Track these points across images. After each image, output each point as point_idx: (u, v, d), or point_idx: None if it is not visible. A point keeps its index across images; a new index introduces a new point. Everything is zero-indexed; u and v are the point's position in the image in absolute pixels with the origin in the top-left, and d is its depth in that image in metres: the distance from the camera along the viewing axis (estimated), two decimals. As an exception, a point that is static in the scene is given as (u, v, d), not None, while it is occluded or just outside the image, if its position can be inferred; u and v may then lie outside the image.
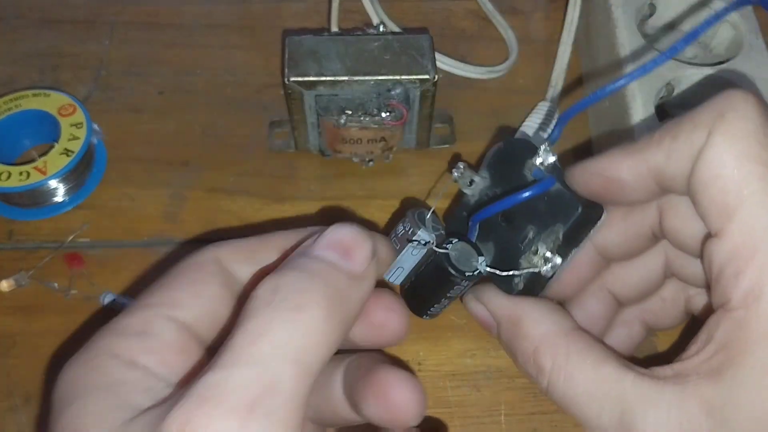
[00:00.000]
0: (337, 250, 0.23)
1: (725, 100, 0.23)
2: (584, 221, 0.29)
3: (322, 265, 0.22)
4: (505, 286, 0.30)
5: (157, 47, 0.50)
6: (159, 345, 0.23)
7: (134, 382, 0.22)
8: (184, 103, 0.47)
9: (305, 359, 0.20)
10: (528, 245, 0.29)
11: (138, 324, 0.23)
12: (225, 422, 0.18)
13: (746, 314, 0.22)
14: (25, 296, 0.39)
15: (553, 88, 0.47)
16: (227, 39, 0.50)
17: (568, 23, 0.47)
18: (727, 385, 0.22)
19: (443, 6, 0.53)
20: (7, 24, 0.51)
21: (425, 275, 0.31)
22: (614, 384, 0.24)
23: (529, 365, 0.27)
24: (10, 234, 0.41)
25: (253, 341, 0.20)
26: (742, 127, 0.23)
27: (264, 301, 0.21)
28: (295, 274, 0.22)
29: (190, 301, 0.24)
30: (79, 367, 0.23)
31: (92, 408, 0.21)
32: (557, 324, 0.27)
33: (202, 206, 0.42)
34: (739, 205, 0.22)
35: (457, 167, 0.32)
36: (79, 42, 0.50)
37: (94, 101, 0.46)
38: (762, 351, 0.22)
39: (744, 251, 0.22)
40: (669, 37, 0.46)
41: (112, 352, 0.23)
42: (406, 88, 0.39)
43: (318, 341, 0.20)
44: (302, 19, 0.51)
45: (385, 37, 0.40)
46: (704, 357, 0.23)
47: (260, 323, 0.20)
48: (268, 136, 0.45)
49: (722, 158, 0.22)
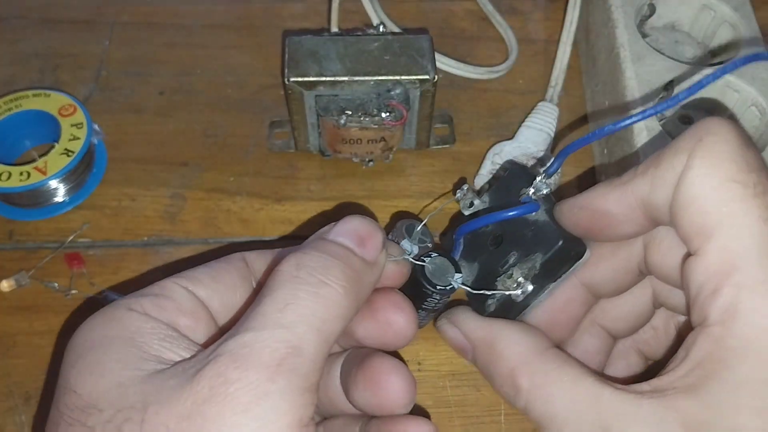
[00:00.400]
0: (353, 238, 0.25)
1: (703, 125, 0.24)
2: (564, 256, 0.30)
3: (340, 249, 0.24)
4: (478, 307, 0.31)
5: (157, 47, 0.50)
6: (172, 305, 0.25)
7: (151, 332, 0.23)
8: (185, 103, 0.47)
9: (325, 328, 0.22)
10: (506, 269, 0.31)
11: (155, 288, 0.25)
12: (256, 375, 0.20)
13: (723, 331, 0.22)
14: (25, 296, 0.39)
15: (552, 88, 0.47)
16: (227, 39, 0.50)
17: (567, 23, 0.48)
18: (704, 400, 0.22)
19: (443, 6, 0.53)
20: (8, 24, 0.51)
21: (405, 286, 0.32)
22: (592, 400, 0.24)
23: (507, 386, 0.27)
24: (11, 234, 0.41)
25: (280, 309, 0.22)
26: (720, 149, 0.23)
27: (289, 275, 0.23)
28: (317, 254, 0.24)
29: (208, 281, 0.26)
30: (97, 322, 0.24)
31: (113, 356, 0.22)
32: (533, 344, 0.27)
33: (202, 206, 0.42)
34: (717, 224, 0.23)
35: (461, 189, 0.33)
36: (80, 42, 0.50)
37: (95, 101, 0.46)
38: (738, 367, 0.22)
39: (721, 270, 0.22)
40: (669, 38, 0.46)
41: (129, 307, 0.24)
42: (406, 89, 0.39)
43: (337, 314, 0.23)
44: (302, 20, 0.51)
45: (385, 37, 0.40)
46: (682, 373, 0.23)
47: (286, 294, 0.22)
48: (268, 137, 0.45)
49: (701, 180, 0.23)
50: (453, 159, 0.44)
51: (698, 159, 0.23)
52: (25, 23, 0.51)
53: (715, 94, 0.41)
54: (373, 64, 0.39)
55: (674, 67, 0.40)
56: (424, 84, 0.39)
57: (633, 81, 0.39)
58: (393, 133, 0.40)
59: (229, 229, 0.41)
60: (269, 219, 0.42)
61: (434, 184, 0.43)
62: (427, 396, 0.36)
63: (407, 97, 0.40)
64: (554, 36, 0.50)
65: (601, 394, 0.24)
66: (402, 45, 0.40)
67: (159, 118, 0.46)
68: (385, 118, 0.39)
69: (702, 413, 0.22)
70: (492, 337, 0.28)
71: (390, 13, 0.50)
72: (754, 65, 0.40)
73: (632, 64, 0.40)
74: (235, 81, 0.48)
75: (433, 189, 0.43)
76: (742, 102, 0.40)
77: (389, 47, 0.40)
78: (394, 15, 0.51)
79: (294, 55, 0.39)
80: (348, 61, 0.39)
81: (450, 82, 0.48)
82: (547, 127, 0.44)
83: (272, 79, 0.48)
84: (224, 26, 0.51)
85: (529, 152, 0.43)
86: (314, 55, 0.39)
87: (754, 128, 0.40)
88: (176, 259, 0.40)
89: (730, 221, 0.22)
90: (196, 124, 0.46)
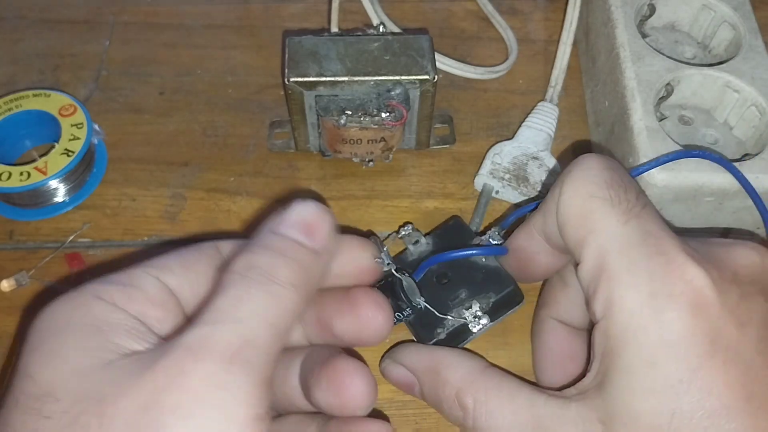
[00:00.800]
0: (301, 228, 0.25)
1: (574, 161, 0.28)
2: (510, 300, 0.36)
3: (287, 243, 0.25)
4: (427, 335, 0.35)
5: (157, 47, 0.50)
6: (141, 296, 0.25)
7: (118, 323, 0.23)
8: (185, 103, 0.47)
9: (277, 323, 0.23)
10: (460, 303, 0.35)
11: (124, 277, 0.25)
12: (212, 366, 0.21)
13: (606, 324, 0.25)
14: (25, 296, 0.39)
15: (552, 88, 0.47)
16: (227, 39, 0.50)
17: (567, 24, 0.48)
18: (609, 393, 0.25)
19: (443, 6, 0.53)
20: (8, 24, 0.51)
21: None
22: (530, 409, 0.27)
23: (455, 409, 0.29)
24: (11, 234, 0.41)
25: (234, 304, 0.22)
26: (583, 174, 0.27)
27: (240, 275, 0.23)
28: (266, 253, 0.24)
29: (178, 269, 0.26)
30: (62, 306, 0.24)
31: (75, 343, 0.22)
32: (473, 365, 0.30)
33: (202, 206, 0.42)
34: (587, 233, 0.26)
35: (405, 228, 0.38)
36: (80, 42, 0.50)
37: (95, 101, 0.47)
38: (624, 355, 0.24)
39: (596, 270, 0.26)
40: (669, 38, 0.46)
41: (96, 295, 0.24)
42: (406, 89, 0.39)
43: (288, 309, 0.23)
44: (302, 20, 0.51)
45: (385, 37, 0.40)
46: (593, 372, 0.26)
47: (239, 292, 0.23)
48: (268, 137, 0.45)
49: (570, 201, 0.27)
50: (453, 159, 0.44)
51: (566, 185, 0.27)
52: (25, 23, 0.51)
53: (715, 94, 0.41)
54: (373, 64, 0.39)
55: (674, 67, 0.40)
56: (424, 84, 0.39)
57: (633, 81, 0.39)
58: (393, 133, 0.40)
59: (230, 229, 0.41)
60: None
61: (434, 184, 0.43)
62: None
63: (407, 97, 0.40)
64: (554, 36, 0.50)
65: (536, 403, 0.27)
66: (402, 45, 0.40)
67: (159, 118, 0.46)
68: (385, 118, 0.39)
69: (610, 406, 0.25)
70: (436, 364, 0.30)
71: (390, 14, 0.50)
72: (754, 66, 0.40)
73: (632, 64, 0.40)
74: (235, 81, 0.48)
75: (433, 189, 0.43)
76: (742, 102, 0.40)
77: (389, 47, 0.40)
78: (394, 15, 0.51)
79: (294, 56, 0.39)
80: (348, 61, 0.39)
81: (450, 82, 0.48)
82: (547, 127, 0.44)
83: (272, 79, 0.48)
84: (224, 26, 0.51)
85: (529, 152, 0.43)
86: (314, 55, 0.39)
87: (754, 128, 0.40)
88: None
89: (595, 228, 0.26)
90: (197, 124, 0.46)
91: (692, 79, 0.41)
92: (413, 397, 0.36)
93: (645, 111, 0.38)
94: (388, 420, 0.34)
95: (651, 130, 0.37)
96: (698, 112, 0.42)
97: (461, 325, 0.35)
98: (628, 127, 0.38)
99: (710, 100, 0.42)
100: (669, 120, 0.41)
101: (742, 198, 0.36)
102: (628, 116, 0.38)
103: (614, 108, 0.41)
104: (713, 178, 0.35)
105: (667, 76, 0.40)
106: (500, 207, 0.42)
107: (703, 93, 0.42)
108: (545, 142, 0.44)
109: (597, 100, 0.44)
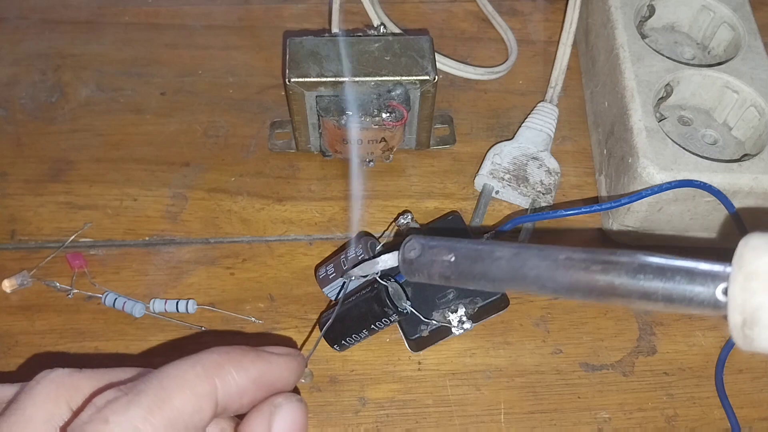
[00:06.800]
0: None
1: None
2: (496, 305, 0.36)
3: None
4: (410, 330, 0.35)
5: (158, 48, 0.50)
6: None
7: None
8: (186, 103, 0.47)
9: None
10: (446, 303, 0.35)
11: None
12: None
13: None
14: (27, 296, 0.39)
15: (552, 88, 0.47)
16: (228, 40, 0.51)
17: (567, 24, 0.48)
18: None
19: (443, 7, 0.53)
20: (10, 24, 0.51)
21: (358, 305, 0.34)
22: None
23: None
24: (13, 233, 0.41)
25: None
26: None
27: None
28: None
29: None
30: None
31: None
32: None
33: (203, 206, 0.42)
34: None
35: (404, 216, 0.39)
36: (81, 43, 0.50)
37: (96, 102, 0.47)
38: None
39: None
40: (668, 38, 0.46)
41: None
42: (407, 89, 0.39)
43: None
44: (303, 21, 0.52)
45: (386, 38, 0.41)
46: None
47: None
48: (269, 137, 0.45)
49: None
50: (453, 159, 0.44)
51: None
52: (26, 24, 0.51)
53: (714, 94, 0.41)
54: (374, 64, 0.39)
55: (674, 67, 0.40)
56: (425, 84, 0.39)
57: (632, 82, 0.39)
58: (393, 134, 0.41)
59: (231, 228, 0.41)
60: (270, 219, 0.42)
61: (434, 184, 0.43)
62: (427, 395, 0.36)
63: (408, 98, 0.40)
64: (554, 37, 0.50)
65: None
66: (402, 46, 0.40)
67: (160, 119, 0.46)
68: (385, 118, 0.39)
69: None
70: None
71: (390, 14, 0.51)
72: (753, 66, 0.41)
73: (632, 64, 0.40)
74: (236, 81, 0.48)
75: (433, 189, 0.43)
76: (742, 102, 0.40)
77: (390, 48, 0.40)
78: (395, 16, 0.51)
79: (295, 56, 0.39)
80: (349, 62, 0.39)
81: (450, 83, 0.48)
82: (547, 127, 0.44)
83: (273, 79, 0.48)
84: (225, 27, 0.51)
85: (529, 152, 0.43)
86: (315, 55, 0.39)
87: (753, 128, 0.40)
88: (178, 259, 0.40)
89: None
90: (198, 125, 0.46)
91: (692, 80, 0.41)
92: (413, 396, 0.36)
93: (644, 111, 0.38)
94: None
95: (650, 131, 0.37)
96: (698, 112, 0.43)
97: (441, 327, 0.35)
98: (628, 127, 0.38)
99: (709, 100, 0.42)
100: (668, 120, 0.41)
101: (741, 198, 0.36)
102: (628, 117, 0.38)
103: (614, 108, 0.41)
104: (712, 179, 0.35)
105: (667, 76, 0.40)
106: (500, 207, 0.43)
107: (702, 93, 0.42)
108: (545, 143, 0.44)
109: (597, 101, 0.45)
